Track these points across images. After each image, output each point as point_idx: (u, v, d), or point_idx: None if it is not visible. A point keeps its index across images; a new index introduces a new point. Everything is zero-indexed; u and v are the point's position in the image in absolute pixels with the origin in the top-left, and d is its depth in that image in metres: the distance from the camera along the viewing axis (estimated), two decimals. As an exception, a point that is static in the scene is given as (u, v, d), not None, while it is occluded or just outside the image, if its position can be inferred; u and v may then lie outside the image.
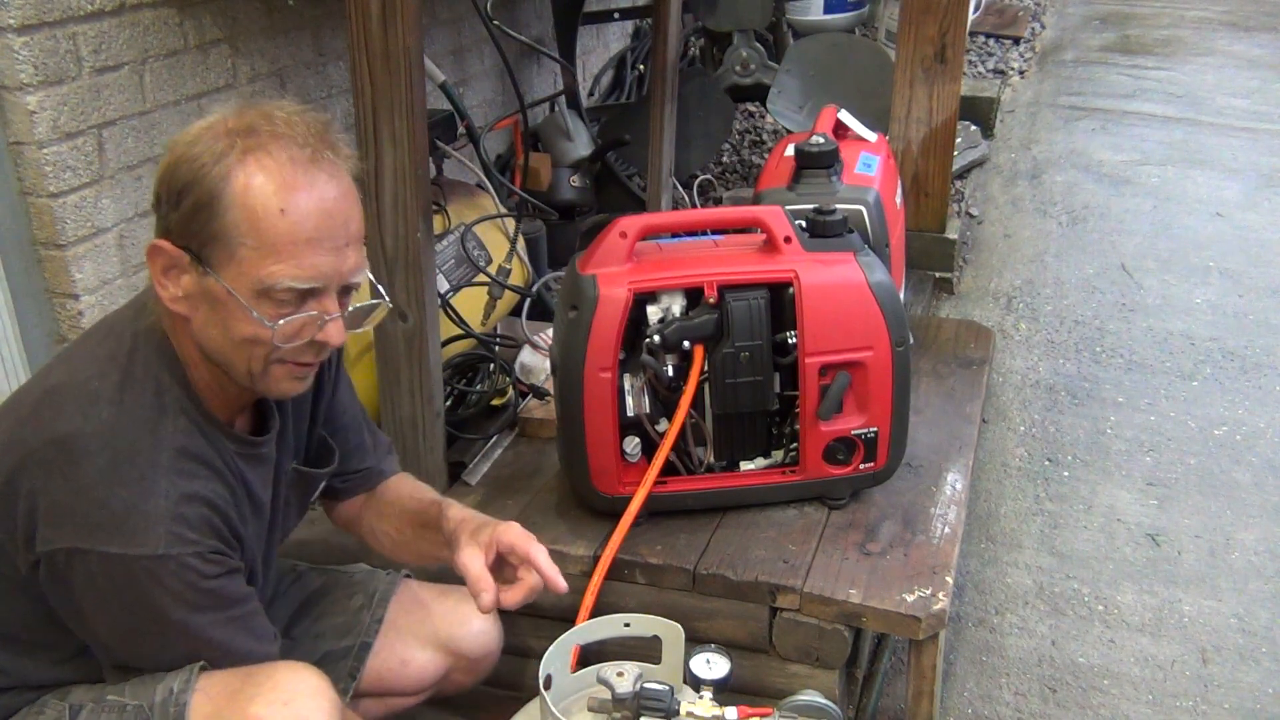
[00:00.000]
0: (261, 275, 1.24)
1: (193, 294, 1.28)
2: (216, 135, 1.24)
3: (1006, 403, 3.00)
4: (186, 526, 1.26)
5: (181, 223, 1.25)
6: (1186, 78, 5.40)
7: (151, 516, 1.24)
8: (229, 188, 1.22)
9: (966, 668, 2.18)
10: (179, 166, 1.24)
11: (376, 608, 1.68)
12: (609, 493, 1.88)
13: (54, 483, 1.25)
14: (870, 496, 1.99)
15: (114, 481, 1.24)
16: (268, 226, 1.23)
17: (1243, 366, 3.12)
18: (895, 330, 1.83)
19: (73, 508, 1.24)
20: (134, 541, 1.23)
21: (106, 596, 1.26)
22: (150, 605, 1.27)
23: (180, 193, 1.24)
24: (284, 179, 1.23)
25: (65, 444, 1.25)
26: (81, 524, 1.24)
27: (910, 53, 3.14)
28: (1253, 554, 2.45)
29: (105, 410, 1.27)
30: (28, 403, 1.32)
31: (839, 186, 2.22)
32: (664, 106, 3.04)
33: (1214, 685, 2.12)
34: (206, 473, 1.31)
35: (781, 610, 1.80)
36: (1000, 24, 6.05)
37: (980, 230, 3.95)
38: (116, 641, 1.33)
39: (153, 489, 1.25)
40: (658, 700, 1.40)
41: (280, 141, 1.24)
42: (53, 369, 1.37)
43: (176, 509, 1.26)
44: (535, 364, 2.36)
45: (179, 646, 1.32)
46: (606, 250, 1.81)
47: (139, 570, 1.24)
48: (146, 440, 1.27)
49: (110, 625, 1.30)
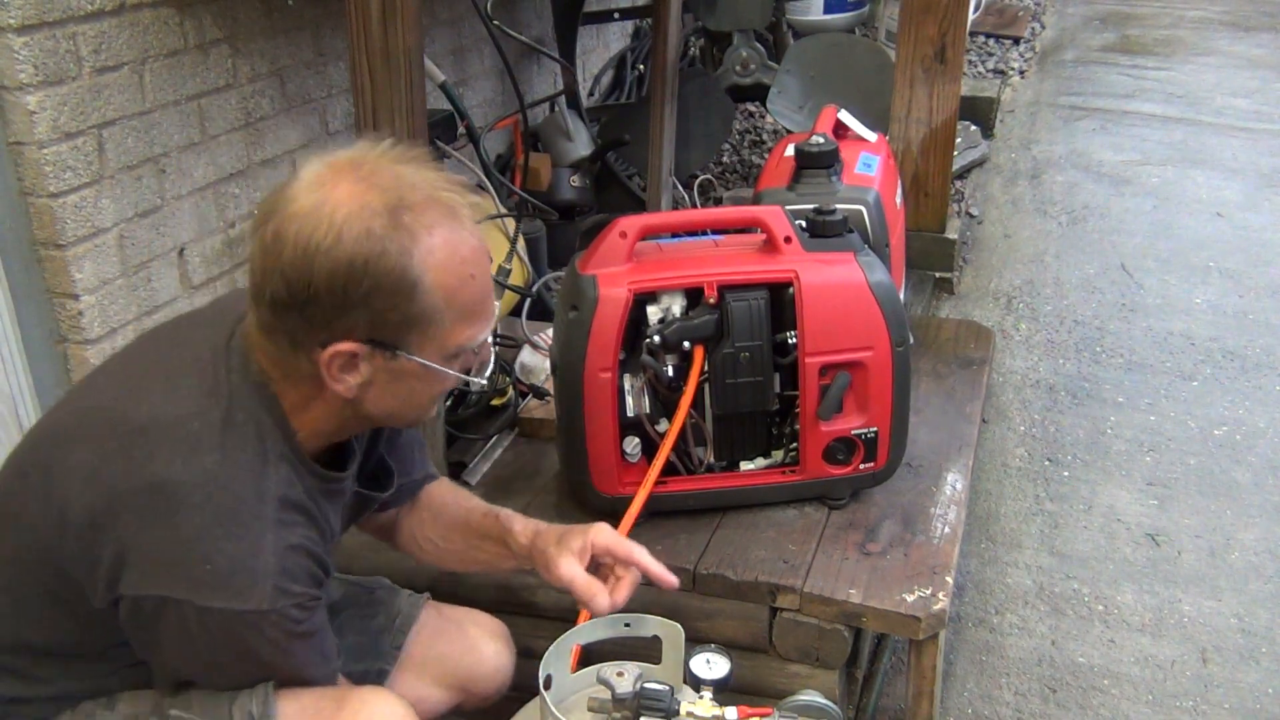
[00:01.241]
0: (461, 341, 1.25)
1: (374, 378, 1.25)
2: (370, 220, 1.17)
3: (1006, 403, 3.00)
4: (290, 580, 1.23)
5: (372, 320, 1.20)
6: (1186, 78, 5.40)
7: (258, 573, 1.20)
8: (420, 274, 1.19)
9: (966, 668, 2.18)
10: (354, 268, 1.16)
11: (397, 634, 1.65)
12: (609, 493, 1.88)
13: (151, 532, 1.20)
14: (870, 496, 1.99)
15: (219, 536, 1.20)
16: (465, 295, 1.23)
17: (1243, 366, 3.12)
18: (895, 330, 1.83)
19: (172, 560, 1.20)
20: (239, 598, 1.20)
21: (197, 642, 1.23)
22: (243, 650, 1.25)
23: (367, 294, 1.18)
24: (453, 243, 1.21)
25: (164, 491, 1.20)
26: (181, 577, 1.19)
27: (910, 53, 3.14)
28: (1253, 554, 2.45)
29: (208, 458, 1.22)
30: (111, 435, 1.25)
31: (839, 186, 2.22)
32: (664, 106, 3.04)
33: (1214, 685, 2.12)
34: (305, 520, 1.28)
35: (781, 610, 1.80)
36: (1000, 24, 6.05)
37: (980, 230, 3.95)
38: (193, 673, 1.30)
39: (259, 545, 1.21)
40: (658, 700, 1.40)
41: (431, 207, 1.20)
42: (134, 396, 1.29)
43: (282, 563, 1.22)
44: (535, 364, 2.36)
45: (256, 674, 1.29)
46: (606, 250, 1.81)
47: (239, 624, 1.21)
48: (251, 492, 1.23)
49: (192, 663, 1.28)
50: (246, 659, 1.26)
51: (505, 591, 1.93)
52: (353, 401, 1.27)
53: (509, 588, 1.93)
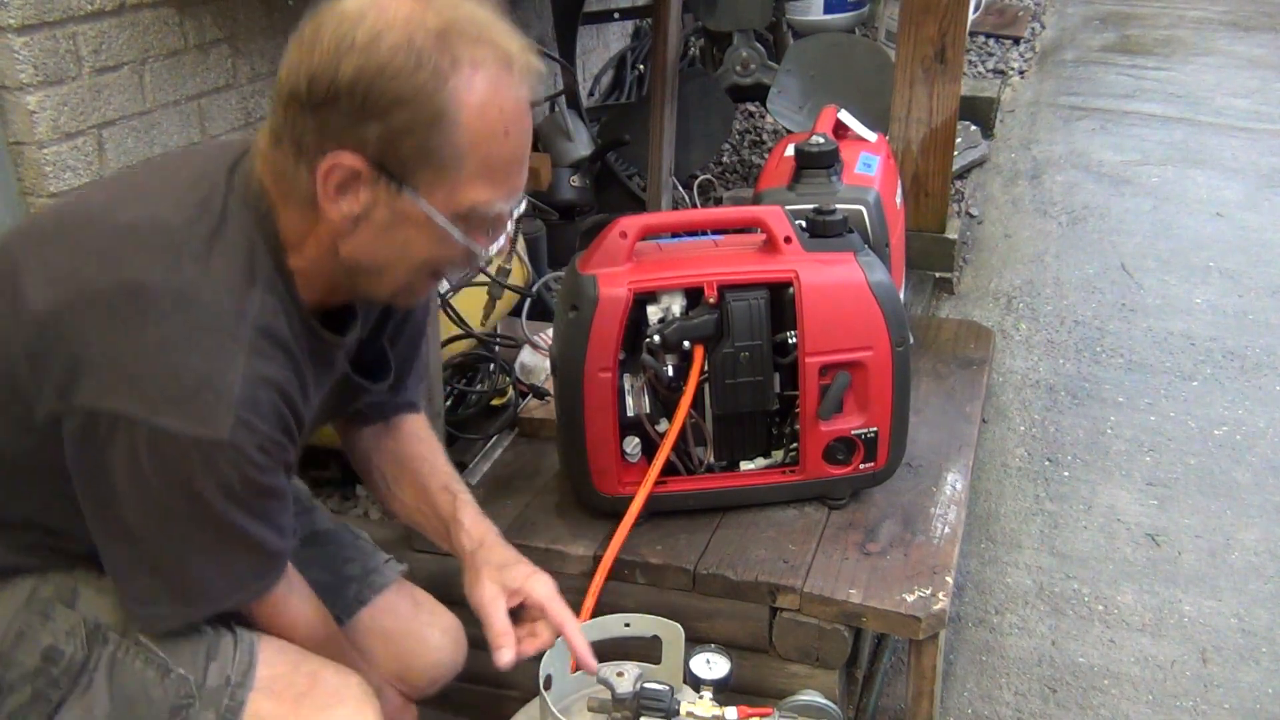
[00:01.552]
0: (474, 200, 1.14)
1: (371, 212, 1.14)
2: (415, 33, 1.08)
3: (1006, 403, 3.00)
4: (256, 414, 1.12)
5: (387, 139, 1.10)
6: (1186, 78, 5.40)
7: (223, 396, 1.10)
8: (452, 106, 1.09)
9: (966, 668, 2.18)
10: (384, 74, 1.07)
11: (365, 590, 1.59)
12: (609, 493, 1.88)
13: (114, 337, 1.09)
14: (870, 496, 1.99)
15: (187, 349, 1.10)
16: (493, 150, 1.12)
17: (1243, 366, 3.12)
18: (895, 330, 1.83)
19: (133, 370, 1.09)
20: (198, 422, 1.09)
21: (145, 480, 1.12)
22: (192, 489, 1.13)
23: (389, 107, 1.08)
24: (497, 89, 1.11)
25: (136, 295, 1.10)
26: (139, 391, 1.09)
27: (910, 53, 3.14)
28: (1253, 554, 2.45)
29: (190, 267, 1.12)
30: (90, 234, 1.16)
31: (839, 186, 2.22)
32: (664, 106, 3.04)
33: (1214, 685, 2.12)
34: (284, 359, 1.17)
35: (781, 610, 1.80)
36: (1000, 24, 6.04)
37: (980, 230, 3.95)
38: (138, 524, 1.17)
39: (229, 366, 1.11)
40: (658, 700, 1.40)
41: (486, 45, 1.11)
42: (124, 199, 1.21)
43: (251, 392, 1.12)
44: (535, 364, 2.35)
45: (202, 533, 1.18)
46: (606, 250, 1.81)
47: (194, 453, 1.10)
48: (230, 309, 1.12)
49: (137, 502, 1.15)
50: (195, 508, 1.14)
51: (505, 591, 1.93)
52: (344, 242, 1.17)
53: (509, 588, 1.93)
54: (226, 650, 1.27)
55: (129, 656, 1.26)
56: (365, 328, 1.37)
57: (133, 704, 1.26)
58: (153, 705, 1.26)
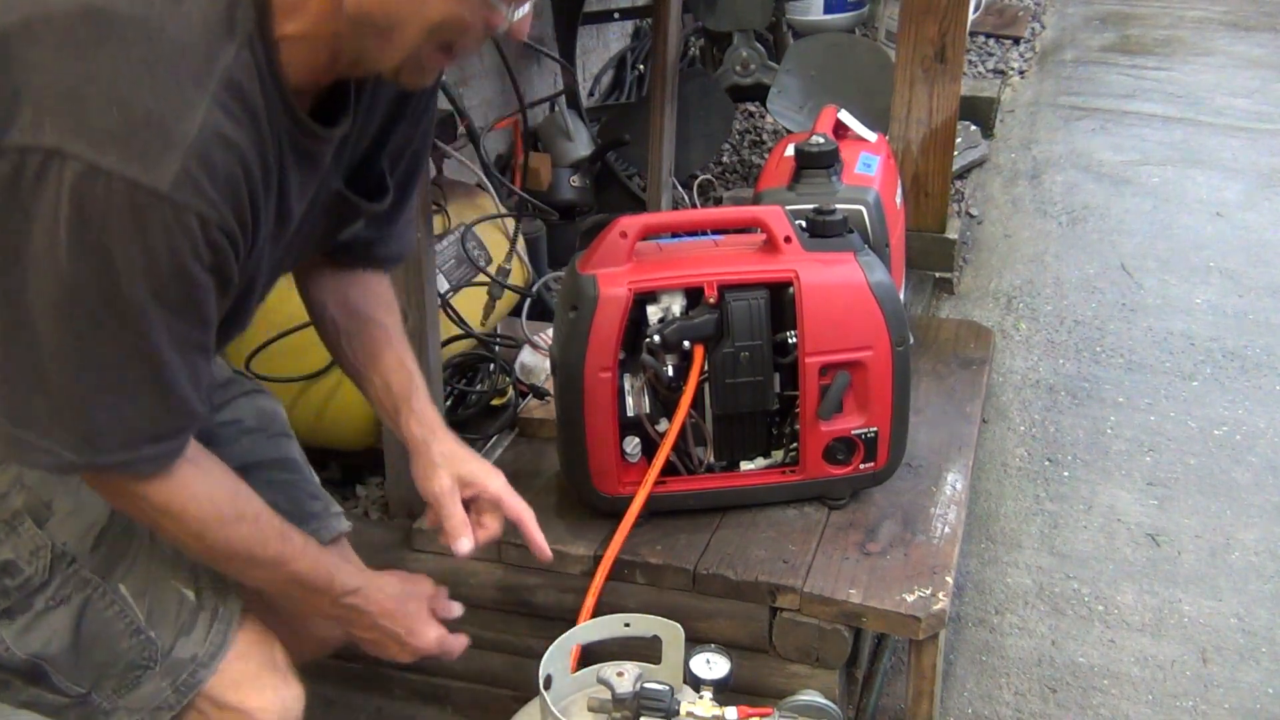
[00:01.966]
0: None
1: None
2: None
3: (1006, 403, 3.00)
4: (208, 174, 0.99)
5: None
6: (1186, 78, 5.40)
7: (174, 140, 0.97)
8: None
9: (966, 668, 2.18)
10: None
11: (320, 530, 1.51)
12: (609, 493, 1.88)
13: (65, 61, 0.97)
14: (870, 496, 1.99)
15: (143, 83, 0.97)
16: None
17: (1243, 366, 3.12)
18: (895, 330, 1.83)
19: (80, 99, 0.96)
20: (141, 163, 0.96)
21: (70, 235, 0.97)
22: (111, 265, 0.98)
23: None
24: None
25: (97, 19, 0.97)
26: (82, 122, 0.96)
27: (910, 53, 3.14)
28: (1253, 554, 2.45)
29: (162, 1, 0.99)
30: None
31: (839, 186, 2.22)
32: (664, 106, 3.04)
33: (1214, 685, 2.12)
34: (249, 127, 1.04)
35: (781, 610, 1.80)
36: (1000, 24, 6.04)
37: (980, 230, 3.95)
38: (40, 305, 1.01)
39: (188, 109, 0.98)
40: (658, 700, 1.40)
41: None
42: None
43: (205, 146, 0.99)
44: (535, 364, 2.36)
45: (105, 339, 1.02)
46: (606, 250, 1.81)
47: (127, 206, 0.96)
48: (200, 51, 1.00)
49: (46, 282, 0.99)
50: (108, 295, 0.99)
51: (505, 591, 1.93)
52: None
53: (509, 588, 1.93)
54: (201, 627, 1.25)
55: (104, 604, 1.24)
56: (364, 135, 1.26)
57: (92, 648, 1.25)
58: (114, 655, 1.25)
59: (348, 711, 2.08)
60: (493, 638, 1.96)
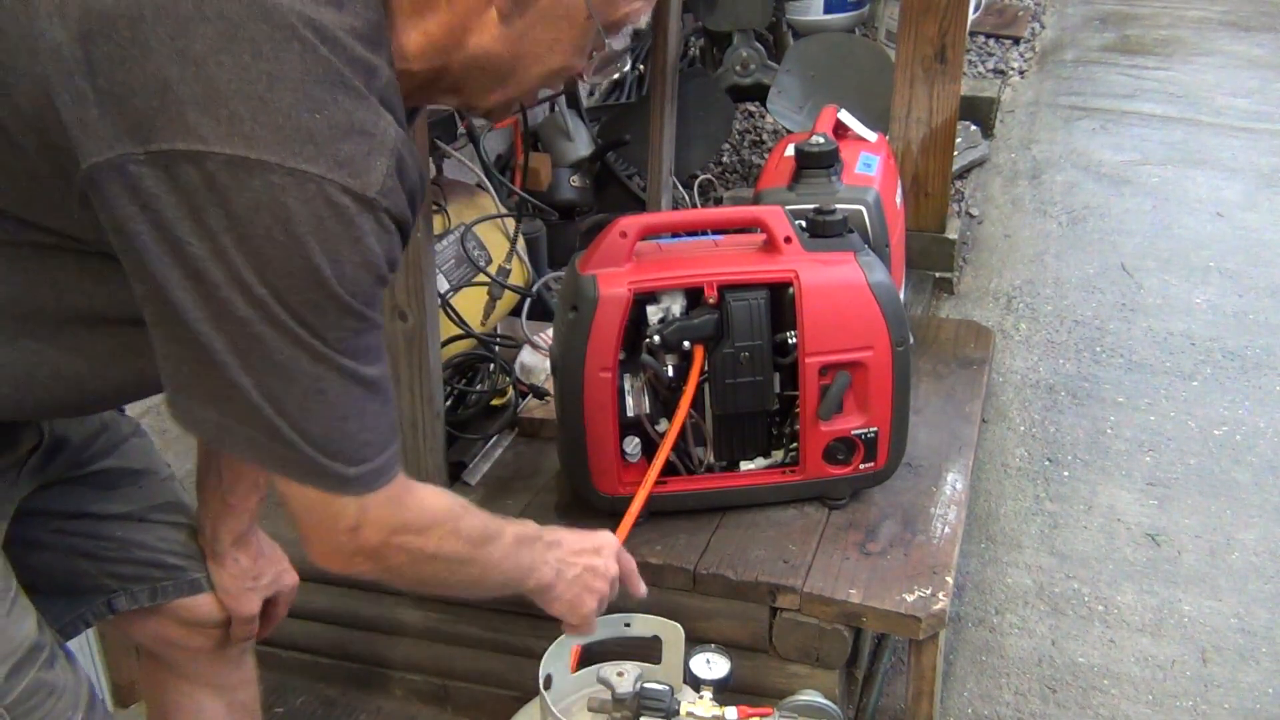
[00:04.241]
0: (628, 10, 1.09)
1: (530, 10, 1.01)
2: None
3: (1006, 403, 3.00)
4: (400, 179, 0.93)
5: None
6: (1186, 78, 5.40)
7: (377, 142, 0.91)
8: None
9: (966, 668, 2.18)
10: None
11: None
12: (609, 493, 1.88)
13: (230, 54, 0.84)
14: (870, 496, 1.99)
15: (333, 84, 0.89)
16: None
17: (1243, 366, 3.12)
18: (895, 330, 1.83)
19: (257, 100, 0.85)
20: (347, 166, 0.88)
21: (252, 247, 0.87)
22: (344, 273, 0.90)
23: None
24: None
25: (265, 8, 0.86)
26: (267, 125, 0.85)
27: (910, 53, 3.14)
28: (1253, 554, 2.45)
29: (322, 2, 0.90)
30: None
31: (839, 186, 2.22)
32: (664, 106, 3.04)
33: (1214, 685, 2.12)
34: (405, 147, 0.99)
35: (781, 610, 1.80)
36: (1000, 24, 6.04)
37: (980, 230, 3.95)
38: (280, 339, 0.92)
39: (377, 114, 0.92)
40: (658, 700, 1.40)
41: None
42: None
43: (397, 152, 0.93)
44: (535, 364, 2.36)
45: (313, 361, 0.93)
46: (606, 250, 1.81)
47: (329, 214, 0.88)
48: (364, 61, 0.92)
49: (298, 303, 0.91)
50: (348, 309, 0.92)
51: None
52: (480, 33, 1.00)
53: (509, 588, 1.93)
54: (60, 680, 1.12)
55: None
56: None
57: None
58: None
59: (348, 712, 2.08)
60: (493, 638, 1.96)
